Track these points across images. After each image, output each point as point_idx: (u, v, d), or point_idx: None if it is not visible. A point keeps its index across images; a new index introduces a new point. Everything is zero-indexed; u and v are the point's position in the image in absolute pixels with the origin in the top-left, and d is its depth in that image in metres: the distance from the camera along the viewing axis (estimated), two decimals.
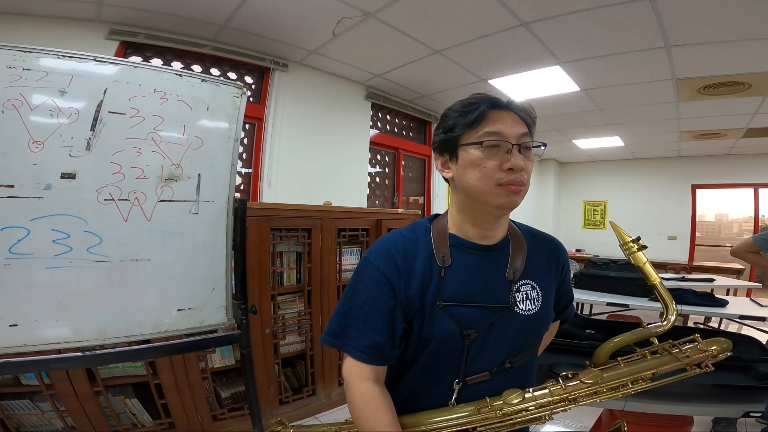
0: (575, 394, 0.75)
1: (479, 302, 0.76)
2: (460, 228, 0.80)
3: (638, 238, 0.83)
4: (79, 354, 1.32)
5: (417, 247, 0.78)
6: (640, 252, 0.82)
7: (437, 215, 0.86)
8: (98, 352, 1.34)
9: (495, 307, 0.76)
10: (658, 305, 3.17)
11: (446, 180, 0.81)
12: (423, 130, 5.02)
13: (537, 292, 0.80)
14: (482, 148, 0.72)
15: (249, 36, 2.98)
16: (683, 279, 3.93)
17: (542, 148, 0.77)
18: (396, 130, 4.69)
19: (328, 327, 0.79)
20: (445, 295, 0.75)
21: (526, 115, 0.77)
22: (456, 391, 0.75)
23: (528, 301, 0.79)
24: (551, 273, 0.85)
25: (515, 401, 0.73)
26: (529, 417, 0.74)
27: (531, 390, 0.76)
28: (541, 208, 7.64)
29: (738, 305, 2.83)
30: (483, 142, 0.72)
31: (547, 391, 0.76)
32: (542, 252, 0.85)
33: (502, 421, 0.73)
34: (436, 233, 0.80)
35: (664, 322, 0.79)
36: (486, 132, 0.73)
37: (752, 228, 6.66)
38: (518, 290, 0.78)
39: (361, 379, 0.75)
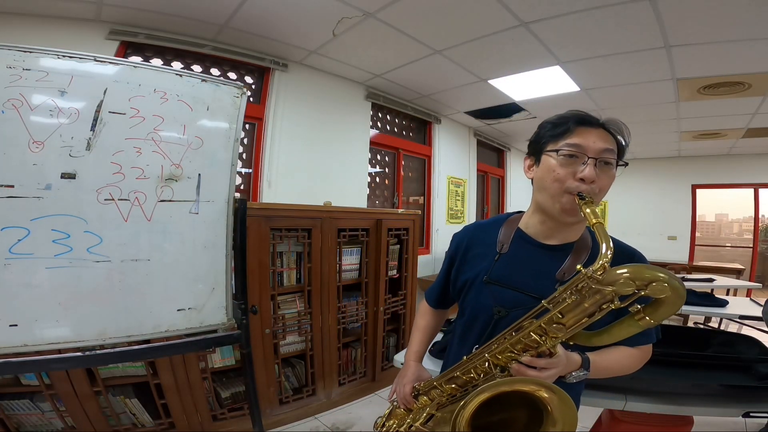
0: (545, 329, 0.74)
1: (521, 289, 0.85)
2: (530, 225, 0.92)
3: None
4: (79, 354, 1.33)
5: (489, 234, 0.96)
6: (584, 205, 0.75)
7: (520, 212, 0.99)
8: (98, 352, 1.35)
9: (535, 297, 0.79)
10: None
11: (531, 182, 0.91)
12: (423, 130, 5.02)
13: None
14: (560, 156, 0.80)
15: (249, 36, 2.97)
16: (683, 279, 3.93)
17: (624, 166, 0.84)
18: (396, 130, 4.69)
19: None
20: (493, 275, 0.89)
21: (617, 133, 0.84)
22: (473, 353, 0.83)
23: None
24: None
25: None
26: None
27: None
28: None
29: (738, 305, 2.83)
30: (559, 151, 0.80)
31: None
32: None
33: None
34: (507, 225, 0.96)
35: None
36: (567, 143, 0.80)
37: (752, 228, 6.66)
38: None
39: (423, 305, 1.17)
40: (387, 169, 4.63)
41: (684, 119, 4.60)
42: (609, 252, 0.66)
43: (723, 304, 2.75)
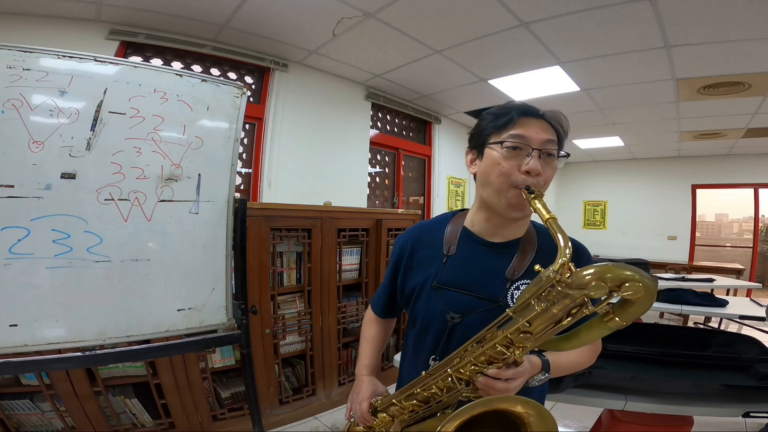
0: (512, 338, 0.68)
1: (472, 291, 0.81)
2: (475, 222, 0.87)
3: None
4: (79, 354, 1.32)
5: (434, 235, 0.91)
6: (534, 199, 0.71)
7: (464, 210, 0.94)
8: (98, 352, 1.34)
9: (486, 299, 0.79)
10: (659, 305, 3.12)
11: (474, 177, 0.87)
12: (423, 130, 5.02)
13: None
14: (504, 149, 0.77)
15: (249, 36, 2.98)
16: (683, 279, 3.93)
17: (566, 157, 0.82)
18: (396, 130, 4.69)
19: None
20: (442, 279, 0.84)
21: (557, 124, 0.81)
22: (431, 367, 0.78)
23: None
24: None
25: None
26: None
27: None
28: None
29: (738, 305, 2.84)
30: (504, 142, 0.77)
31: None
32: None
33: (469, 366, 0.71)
34: (452, 225, 0.90)
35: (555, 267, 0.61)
36: (510, 134, 0.77)
37: (752, 228, 6.66)
38: (517, 288, 0.80)
39: (369, 314, 1.09)
40: (387, 169, 4.64)
41: (684, 119, 4.60)
42: (568, 250, 0.60)
43: (723, 304, 2.75)
